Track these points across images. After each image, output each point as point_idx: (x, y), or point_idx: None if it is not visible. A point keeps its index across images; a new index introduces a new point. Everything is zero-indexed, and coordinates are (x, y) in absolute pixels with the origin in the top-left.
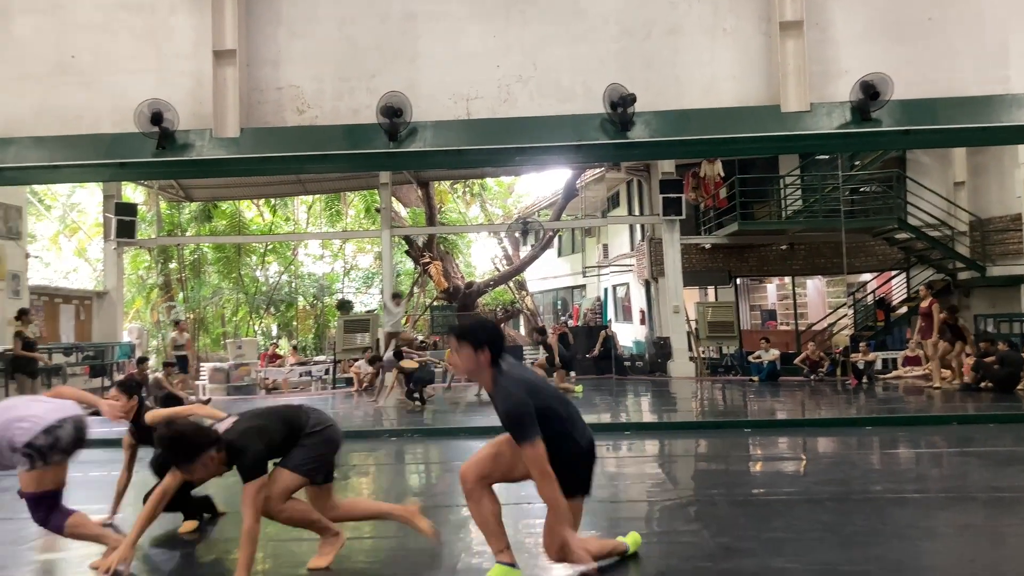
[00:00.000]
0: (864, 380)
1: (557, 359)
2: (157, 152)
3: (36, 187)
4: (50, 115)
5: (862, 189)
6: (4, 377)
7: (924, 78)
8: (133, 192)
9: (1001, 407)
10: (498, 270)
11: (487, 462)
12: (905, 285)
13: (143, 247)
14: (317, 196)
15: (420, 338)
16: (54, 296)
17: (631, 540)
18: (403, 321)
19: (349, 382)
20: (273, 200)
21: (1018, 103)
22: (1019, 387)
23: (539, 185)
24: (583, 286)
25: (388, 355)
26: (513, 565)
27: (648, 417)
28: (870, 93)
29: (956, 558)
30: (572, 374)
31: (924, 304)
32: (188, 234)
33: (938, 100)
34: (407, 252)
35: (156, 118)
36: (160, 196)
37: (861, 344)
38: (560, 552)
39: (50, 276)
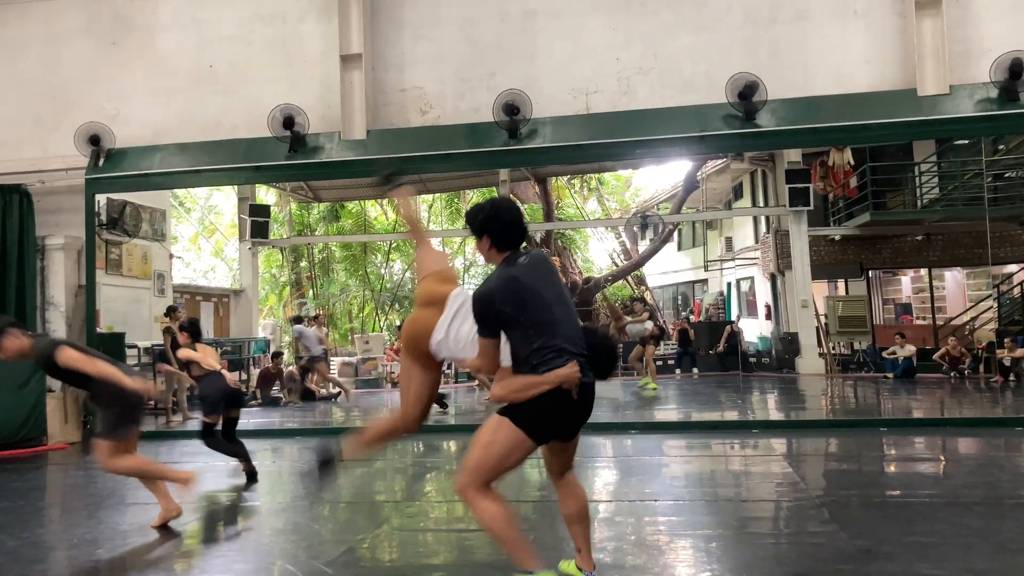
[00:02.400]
0: (1011, 378)
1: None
2: (289, 155)
3: (178, 191)
4: (191, 123)
5: (1007, 175)
6: (153, 371)
7: None
8: (266, 194)
9: None
10: (616, 265)
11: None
12: None
13: (275, 247)
14: (437, 195)
15: None
16: (195, 294)
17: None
18: None
19: (471, 377)
20: (396, 200)
21: None
22: None
23: (658, 178)
24: (704, 280)
25: None
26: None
27: (775, 415)
28: (1015, 71)
29: None
30: (695, 371)
31: None
32: (317, 233)
33: None
34: (524, 248)
35: (288, 122)
36: (291, 198)
37: (1007, 340)
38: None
39: (190, 275)
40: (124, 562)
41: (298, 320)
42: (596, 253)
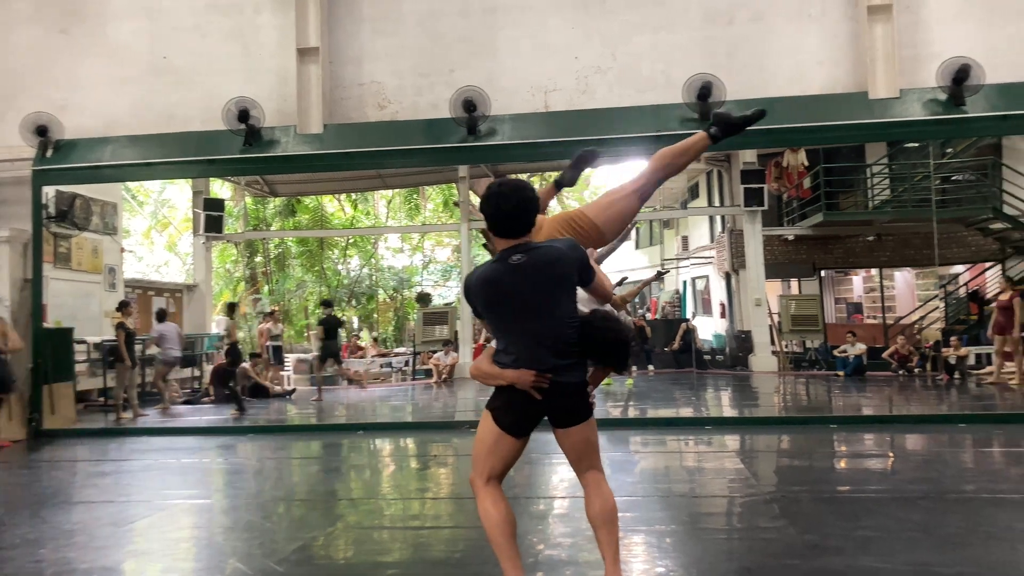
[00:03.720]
0: (956, 375)
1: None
2: (244, 149)
3: (130, 184)
4: (144, 115)
5: (954, 177)
6: (103, 367)
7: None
8: (220, 188)
9: None
10: None
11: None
12: (1000, 277)
13: (230, 241)
14: (396, 190)
15: None
16: (147, 289)
17: None
18: None
19: (428, 373)
20: (354, 195)
21: None
22: None
23: (616, 177)
24: (661, 278)
25: None
26: None
27: (729, 412)
28: (959, 77)
29: None
30: (651, 368)
31: (1004, 297)
32: (273, 228)
33: None
34: (484, 245)
35: (243, 115)
36: (246, 192)
37: (953, 338)
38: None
39: (143, 270)
40: (68, 562)
41: (232, 308)
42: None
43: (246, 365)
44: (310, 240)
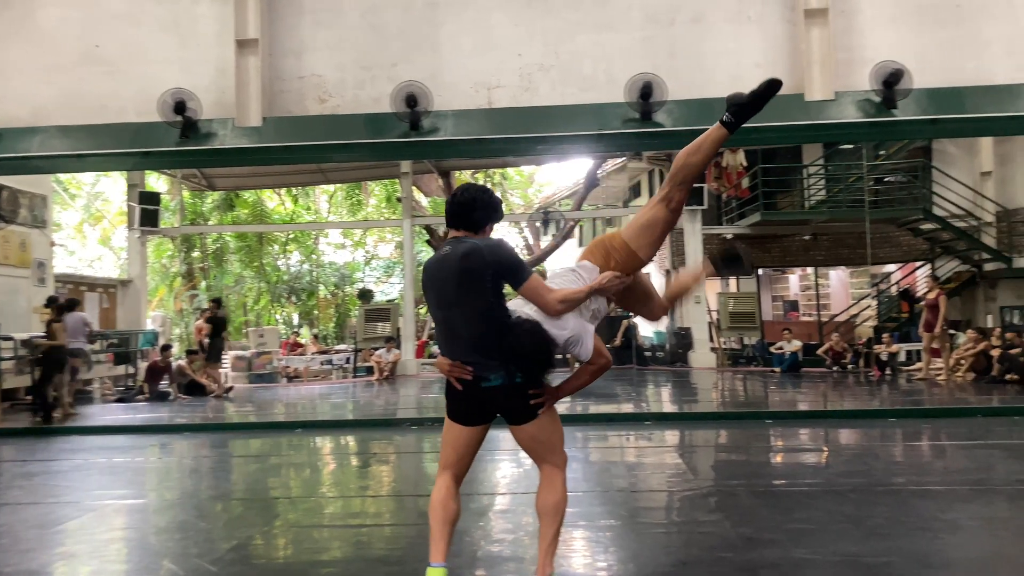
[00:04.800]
0: (887, 371)
1: None
2: (180, 141)
3: (61, 176)
4: (75, 104)
5: (887, 179)
6: (31, 364)
7: (952, 66)
8: (156, 181)
9: None
10: None
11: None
12: (934, 275)
13: (166, 236)
14: (338, 185)
15: None
16: (79, 284)
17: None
18: (424, 311)
19: (369, 371)
20: (294, 189)
21: None
22: None
23: (560, 175)
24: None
25: None
26: None
27: (668, 408)
28: (889, 81)
29: (979, 551)
30: None
31: (931, 296)
32: (211, 223)
33: (966, 88)
34: (428, 242)
35: (179, 107)
36: (183, 185)
37: (884, 335)
38: None
39: (75, 264)
40: None
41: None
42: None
43: (182, 362)
44: (249, 235)
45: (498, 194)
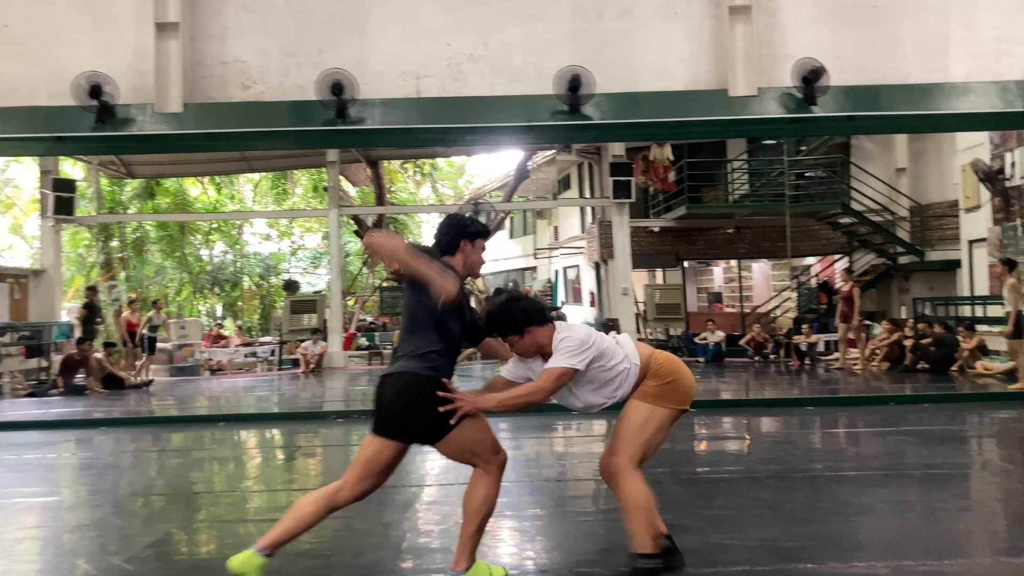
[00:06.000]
0: (806, 361)
1: None
2: (96, 126)
3: None
4: None
5: (807, 174)
6: None
7: (869, 65)
8: (72, 168)
9: (936, 388)
10: None
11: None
12: (848, 269)
13: (83, 225)
14: (263, 174)
15: (369, 319)
16: None
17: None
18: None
19: (295, 363)
20: (218, 178)
21: (956, 91)
22: (953, 368)
23: (490, 166)
24: (534, 268)
25: None
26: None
27: None
28: (808, 77)
29: (890, 533)
30: None
31: (845, 289)
32: (130, 212)
33: (881, 87)
34: (356, 232)
35: (95, 91)
36: (100, 172)
37: (804, 326)
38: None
39: None
40: None
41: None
42: (429, 239)
43: (99, 355)
44: (170, 224)
45: (427, 185)
